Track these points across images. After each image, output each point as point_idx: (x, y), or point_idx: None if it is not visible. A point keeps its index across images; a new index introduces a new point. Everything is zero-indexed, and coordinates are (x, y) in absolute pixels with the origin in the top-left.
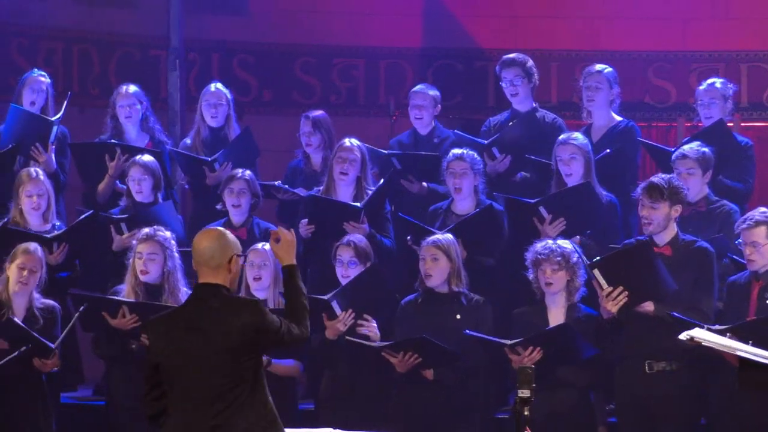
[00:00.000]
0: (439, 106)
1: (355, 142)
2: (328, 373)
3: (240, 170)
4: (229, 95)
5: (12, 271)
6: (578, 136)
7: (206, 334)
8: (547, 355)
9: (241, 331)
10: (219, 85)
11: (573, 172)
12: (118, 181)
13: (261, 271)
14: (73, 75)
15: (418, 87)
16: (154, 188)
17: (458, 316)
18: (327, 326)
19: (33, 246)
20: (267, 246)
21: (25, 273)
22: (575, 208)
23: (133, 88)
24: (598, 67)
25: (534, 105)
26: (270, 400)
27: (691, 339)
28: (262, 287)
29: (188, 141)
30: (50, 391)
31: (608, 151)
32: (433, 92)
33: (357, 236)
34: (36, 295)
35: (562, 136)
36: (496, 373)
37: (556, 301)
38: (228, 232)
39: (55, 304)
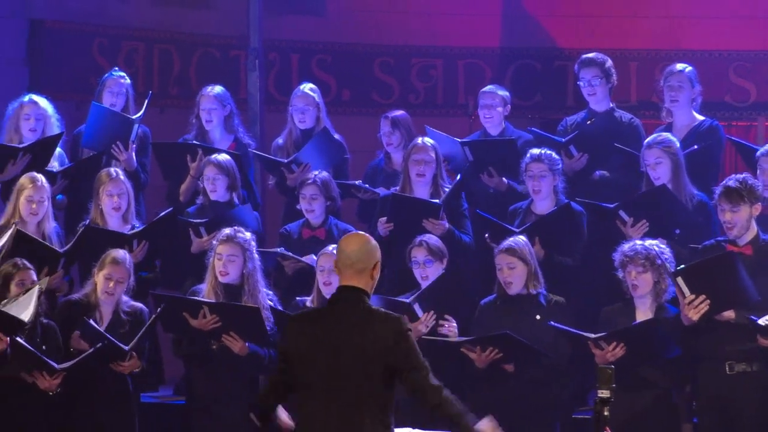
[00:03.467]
0: (509, 105)
1: (428, 141)
2: None
3: (313, 174)
4: (318, 98)
5: (99, 279)
6: (665, 137)
7: (344, 339)
8: (631, 352)
9: (377, 342)
10: (307, 89)
11: (660, 176)
12: (199, 182)
13: (331, 276)
14: (153, 75)
15: (487, 87)
16: (228, 188)
17: (538, 317)
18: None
19: (121, 255)
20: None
21: (111, 284)
22: (655, 210)
23: (216, 90)
24: (680, 66)
25: (611, 105)
26: (391, 425)
27: None
28: (332, 291)
29: (280, 141)
30: (134, 392)
31: (695, 147)
32: (503, 92)
33: (428, 235)
34: (124, 298)
35: (648, 140)
36: (575, 372)
37: (644, 302)
38: (372, 238)
39: (143, 307)
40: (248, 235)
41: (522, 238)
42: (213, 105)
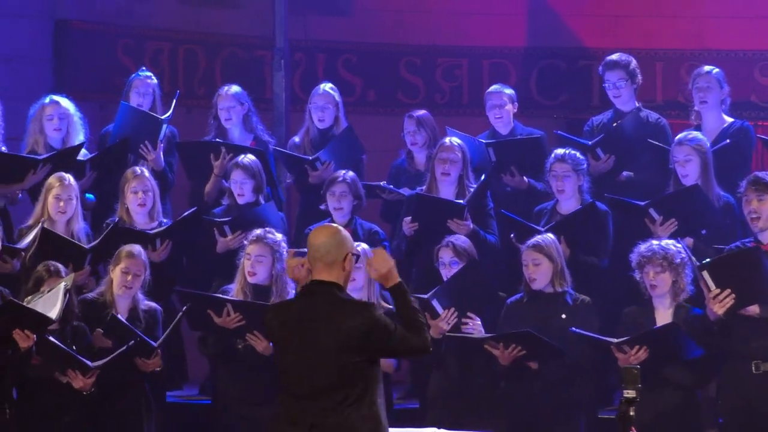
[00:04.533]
0: (516, 103)
1: (455, 140)
2: (435, 373)
3: (342, 172)
4: (337, 97)
5: (116, 274)
6: (696, 136)
7: (316, 331)
8: (653, 355)
9: (348, 333)
10: (328, 87)
11: (689, 173)
12: (224, 180)
13: (354, 272)
14: (178, 75)
15: (492, 87)
16: (255, 190)
17: (563, 316)
18: (430, 326)
19: (137, 249)
20: (363, 246)
21: (129, 277)
22: (685, 209)
23: (234, 89)
24: (707, 68)
25: (637, 105)
26: (378, 403)
27: None
28: (356, 288)
29: (297, 139)
30: (153, 391)
31: (728, 141)
32: (509, 90)
33: (455, 236)
34: (140, 296)
35: (678, 137)
36: (600, 372)
37: (663, 302)
38: (343, 229)
39: (157, 306)
40: (279, 236)
41: (550, 235)
42: (231, 104)
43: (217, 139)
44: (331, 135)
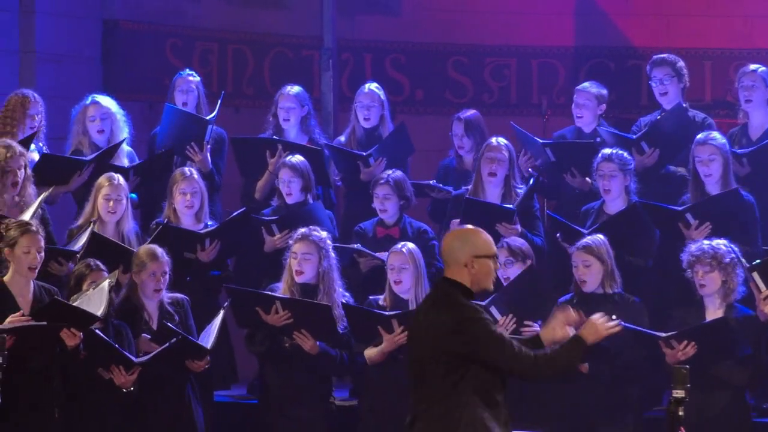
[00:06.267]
0: (604, 105)
1: (502, 141)
2: None
3: (386, 174)
4: (383, 96)
5: (142, 278)
6: (716, 135)
7: (419, 324)
8: (702, 351)
9: (438, 326)
10: (373, 86)
11: (712, 173)
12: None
13: (401, 274)
14: (227, 75)
15: (582, 85)
16: (303, 189)
17: (614, 316)
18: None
19: (159, 250)
20: (409, 246)
21: (160, 279)
22: (722, 212)
23: (295, 89)
24: (753, 66)
25: (684, 105)
26: (474, 411)
27: None
28: (403, 290)
29: (342, 139)
30: (200, 390)
31: None
32: (596, 90)
33: (510, 237)
34: (163, 291)
35: (700, 136)
36: (649, 371)
37: (713, 302)
38: (478, 233)
39: (183, 296)
40: (324, 234)
41: (600, 236)
42: (292, 104)
43: (275, 137)
44: (377, 134)
